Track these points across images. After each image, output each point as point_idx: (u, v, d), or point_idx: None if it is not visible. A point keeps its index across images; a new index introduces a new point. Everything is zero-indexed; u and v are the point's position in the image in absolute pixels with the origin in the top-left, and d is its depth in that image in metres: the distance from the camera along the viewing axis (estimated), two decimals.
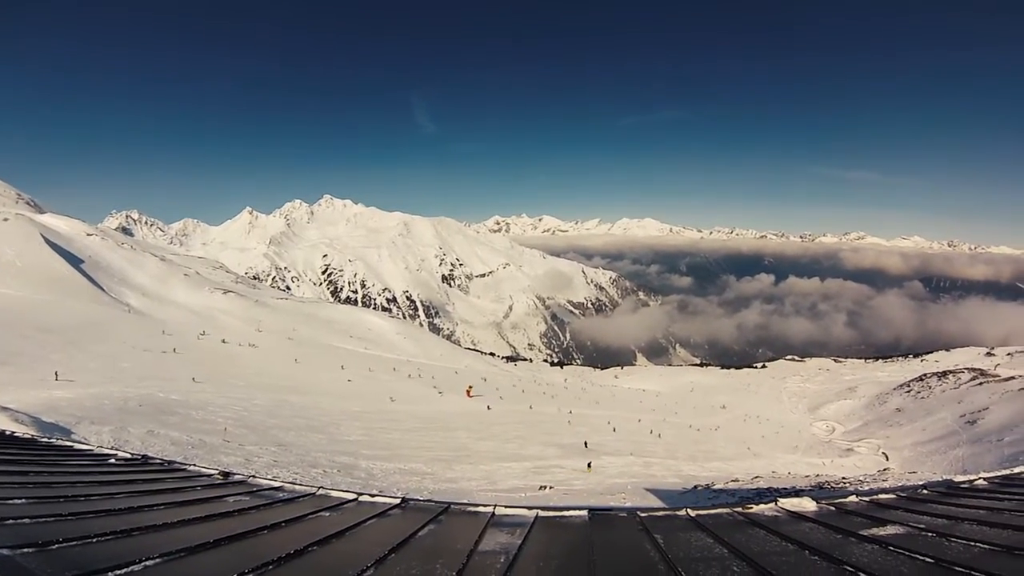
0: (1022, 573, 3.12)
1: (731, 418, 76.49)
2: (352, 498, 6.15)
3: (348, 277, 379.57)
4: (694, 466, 32.46)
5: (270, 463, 20.28)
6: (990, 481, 7.37)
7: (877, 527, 4.62)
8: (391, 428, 34.31)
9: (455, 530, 4.94)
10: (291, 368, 55.20)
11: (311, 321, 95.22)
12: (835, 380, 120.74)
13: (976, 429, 58.48)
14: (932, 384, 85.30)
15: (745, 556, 3.87)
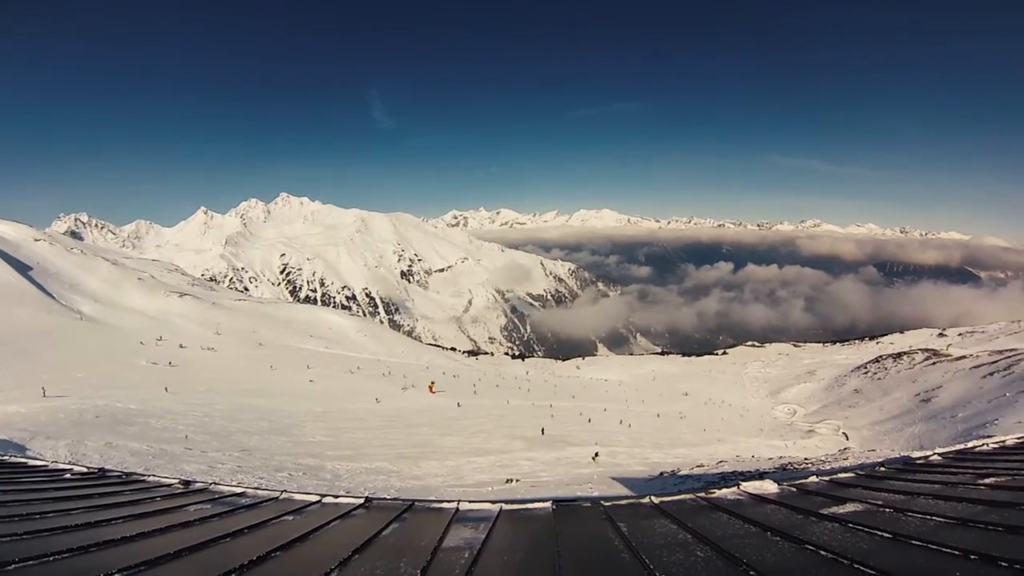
0: (975, 544, 3.17)
1: (694, 405, 77.57)
2: (315, 500, 6.11)
3: (307, 276, 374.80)
4: (660, 453, 32.82)
5: (234, 469, 19.90)
6: (944, 456, 7.55)
7: (837, 505, 4.69)
8: (355, 427, 33.98)
9: (419, 527, 4.92)
10: (252, 371, 54.31)
11: (271, 322, 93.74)
12: (795, 364, 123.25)
13: (931, 407, 60.36)
14: (888, 365, 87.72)
15: (708, 540, 3.89)
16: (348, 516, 5.34)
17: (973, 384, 61.66)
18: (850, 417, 68.57)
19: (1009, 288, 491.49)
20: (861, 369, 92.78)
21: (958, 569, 2.87)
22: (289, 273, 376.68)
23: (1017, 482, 5.19)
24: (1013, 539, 3.29)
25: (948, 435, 47.75)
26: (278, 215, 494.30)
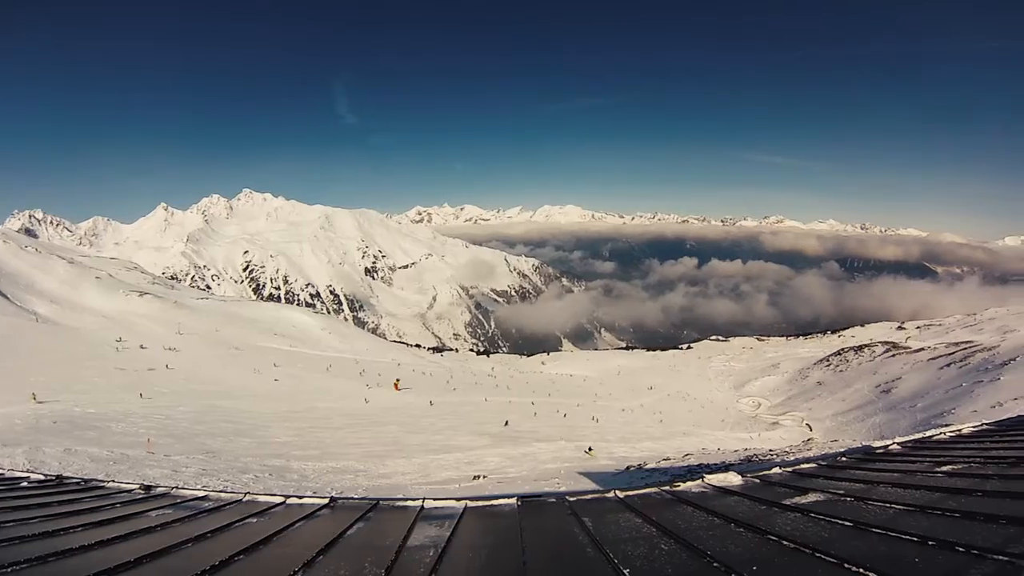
0: (934, 531, 3.23)
1: (659, 398, 78.30)
2: (280, 502, 6.06)
3: (270, 273, 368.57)
4: (626, 447, 33.04)
5: (198, 472, 19.50)
6: (903, 446, 7.72)
7: (799, 496, 4.75)
8: (321, 427, 33.60)
9: (384, 526, 4.91)
10: (215, 371, 53.35)
11: (234, 321, 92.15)
12: (759, 358, 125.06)
13: (891, 397, 61.84)
14: (849, 358, 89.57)
15: (673, 533, 3.91)
16: (313, 517, 5.30)
17: (931, 375, 63.36)
18: (813, 409, 69.89)
19: (965, 283, 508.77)
20: (824, 362, 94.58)
21: (917, 555, 2.92)
22: (252, 271, 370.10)
23: (973, 469, 5.32)
24: (970, 525, 3.37)
25: (908, 424, 48.96)
26: (241, 211, 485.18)
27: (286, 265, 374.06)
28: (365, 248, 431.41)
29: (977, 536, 3.06)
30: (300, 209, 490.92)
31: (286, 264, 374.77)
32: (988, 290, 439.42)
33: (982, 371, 56.13)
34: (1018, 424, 9.37)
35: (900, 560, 2.90)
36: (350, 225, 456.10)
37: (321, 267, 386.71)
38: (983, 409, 44.30)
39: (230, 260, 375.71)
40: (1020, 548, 2.71)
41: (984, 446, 7.00)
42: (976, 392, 50.45)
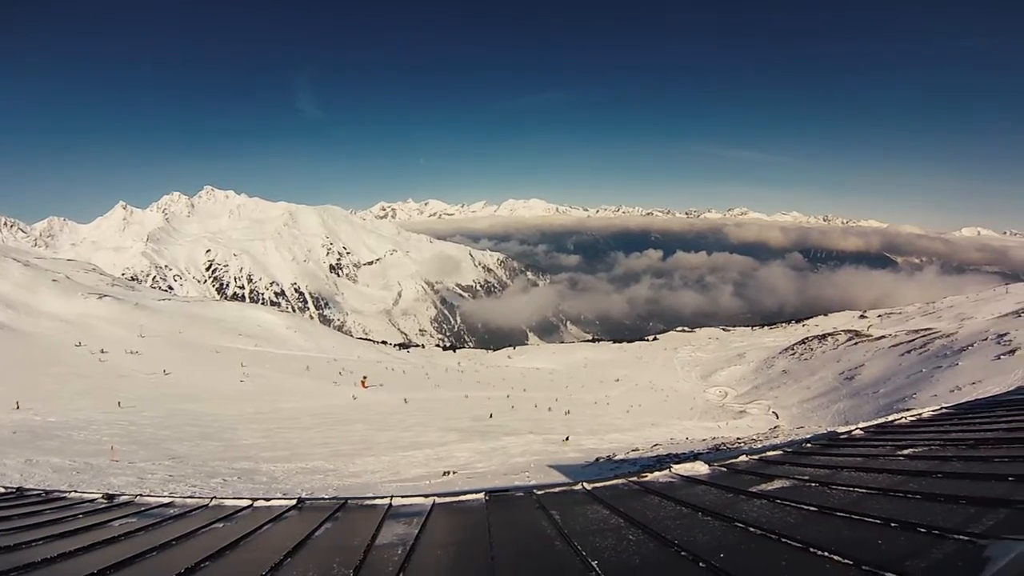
0: (896, 512, 3.29)
1: (627, 390, 79.02)
2: (247, 505, 5.97)
3: (234, 272, 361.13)
4: (595, 439, 33.21)
5: (165, 479, 19.09)
6: (866, 431, 7.87)
7: (765, 483, 4.81)
8: (289, 427, 33.19)
9: (352, 526, 4.87)
10: (179, 374, 52.18)
11: (197, 322, 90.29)
12: (725, 348, 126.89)
13: (854, 384, 63.23)
14: (814, 346, 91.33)
15: (640, 524, 3.93)
16: (280, 519, 5.23)
17: (892, 362, 64.91)
18: (779, 397, 71.14)
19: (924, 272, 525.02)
20: (789, 351, 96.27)
21: (879, 537, 2.97)
22: (215, 270, 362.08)
23: (933, 452, 5.44)
24: (930, 506, 3.44)
25: (871, 410, 50.11)
26: (202, 209, 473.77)
27: (250, 263, 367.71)
28: (330, 245, 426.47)
29: (938, 517, 3.11)
30: (263, 206, 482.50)
31: (250, 262, 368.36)
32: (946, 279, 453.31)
33: (941, 357, 57.66)
34: (976, 407, 9.62)
35: (863, 542, 2.94)
36: (314, 222, 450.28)
37: (285, 265, 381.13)
38: (942, 393, 45.56)
39: (192, 259, 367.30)
40: (980, 528, 2.77)
41: (943, 429, 7.16)
42: (936, 377, 51.83)
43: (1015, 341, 51.02)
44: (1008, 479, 3.70)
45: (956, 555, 2.54)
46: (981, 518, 2.92)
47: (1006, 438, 5.44)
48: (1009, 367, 46.02)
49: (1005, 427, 6.36)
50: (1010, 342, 51.39)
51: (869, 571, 2.55)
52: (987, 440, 5.51)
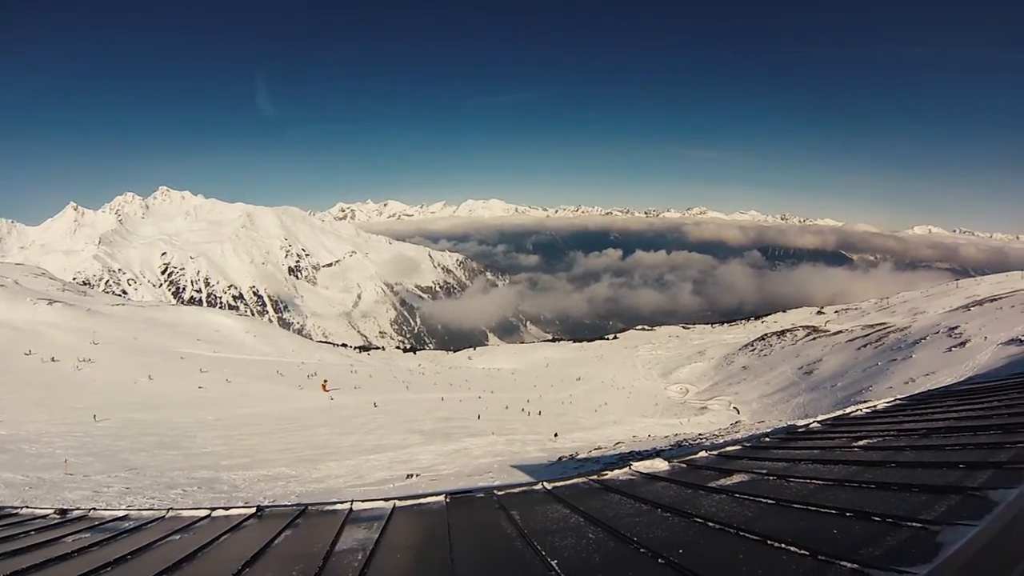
0: (851, 503, 3.35)
1: (588, 389, 79.49)
2: (205, 515, 5.84)
3: (190, 275, 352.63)
4: (557, 438, 33.37)
5: (122, 491, 18.54)
6: (823, 423, 8.03)
7: (724, 478, 4.85)
8: (250, 433, 32.63)
9: (312, 532, 4.80)
10: (135, 382, 50.76)
11: (153, 327, 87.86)
12: (685, 345, 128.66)
13: (813, 378, 64.63)
14: (773, 342, 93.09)
15: (600, 522, 3.93)
16: (239, 528, 5.13)
17: (849, 356, 66.52)
18: (740, 392, 72.31)
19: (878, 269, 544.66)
20: (748, 347, 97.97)
21: (835, 527, 3.01)
22: (171, 273, 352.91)
23: (887, 442, 5.56)
24: (883, 495, 3.51)
25: (829, 403, 51.28)
26: (157, 210, 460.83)
27: (207, 266, 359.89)
28: (288, 247, 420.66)
29: (892, 505, 3.17)
30: (220, 207, 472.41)
31: (207, 265, 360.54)
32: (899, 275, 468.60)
33: (896, 350, 59.24)
34: (928, 397, 9.89)
35: (819, 533, 2.98)
36: (273, 223, 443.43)
37: (244, 268, 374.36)
38: (897, 385, 46.85)
39: (147, 262, 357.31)
40: (932, 514, 2.82)
41: (897, 420, 7.33)
42: (891, 370, 53.25)
43: (965, 334, 52.68)
44: (959, 466, 3.78)
45: (910, 541, 2.58)
46: (933, 505, 2.98)
47: (956, 427, 5.59)
48: (960, 358, 47.50)
49: (955, 416, 6.53)
50: (960, 335, 53.05)
51: (825, 560, 2.57)
52: (938, 429, 5.65)
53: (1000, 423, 5.21)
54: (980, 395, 8.28)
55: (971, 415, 6.36)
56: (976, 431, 5.03)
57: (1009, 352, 44.14)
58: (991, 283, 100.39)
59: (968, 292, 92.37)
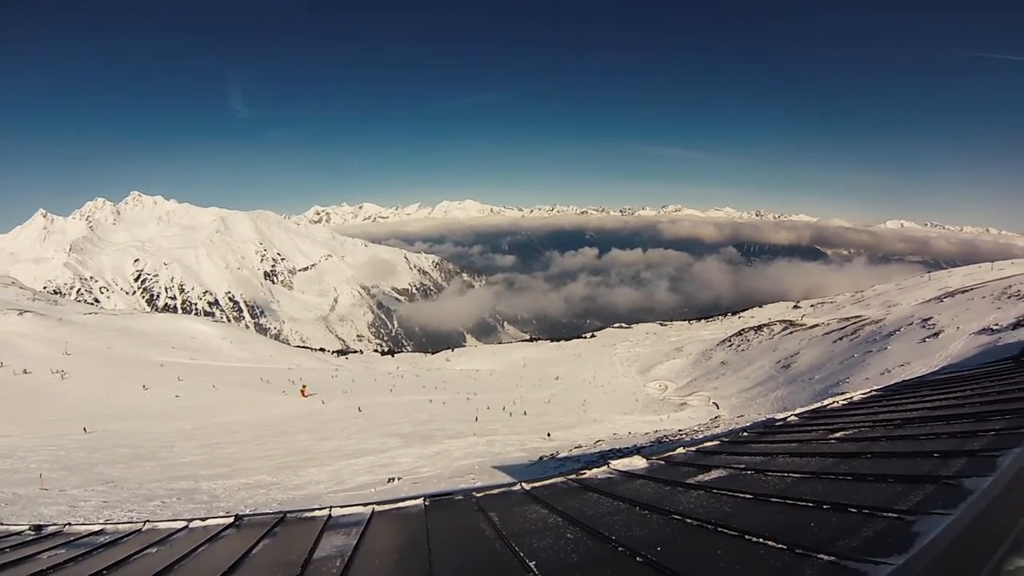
0: (827, 495, 3.37)
1: (567, 387, 79.68)
2: (182, 526, 5.76)
3: (164, 282, 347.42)
4: (537, 438, 33.37)
5: (99, 505, 18.16)
6: (800, 416, 8.11)
7: (703, 473, 4.87)
8: (229, 441, 32.23)
9: (291, 540, 4.76)
10: (110, 392, 49.88)
11: (126, 335, 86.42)
12: (663, 342, 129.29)
13: (790, 372, 65.31)
14: (750, 337, 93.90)
15: (578, 522, 3.93)
16: (217, 539, 5.06)
17: (826, 349, 67.30)
18: (719, 387, 72.84)
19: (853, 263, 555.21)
20: (726, 342, 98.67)
21: (813, 520, 3.02)
22: (144, 280, 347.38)
23: (863, 433, 5.62)
24: (859, 486, 3.54)
25: (807, 396, 51.80)
26: (129, 216, 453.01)
27: (181, 273, 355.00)
28: (264, 251, 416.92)
29: (868, 496, 3.19)
30: (194, 212, 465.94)
31: (181, 272, 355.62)
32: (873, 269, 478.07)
33: (871, 342, 60.04)
34: (903, 388, 10.03)
35: (797, 526, 2.99)
36: (247, 228, 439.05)
37: (219, 273, 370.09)
38: (874, 376, 47.46)
39: (119, 270, 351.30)
40: (907, 504, 2.84)
41: (873, 411, 7.42)
42: (867, 361, 53.94)
43: (938, 324, 53.55)
44: (933, 456, 3.82)
45: (886, 532, 2.59)
46: (908, 495, 3.00)
47: (931, 416, 5.66)
48: (933, 349, 48.28)
49: (930, 406, 6.62)
50: (934, 325, 53.92)
51: (803, 553, 2.58)
52: (913, 419, 5.72)
53: (973, 412, 5.28)
54: (953, 384, 8.40)
55: (945, 404, 6.45)
56: (949, 420, 5.09)
57: (981, 341, 44.95)
58: (962, 275, 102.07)
59: (940, 284, 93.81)
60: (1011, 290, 56.06)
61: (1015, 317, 46.81)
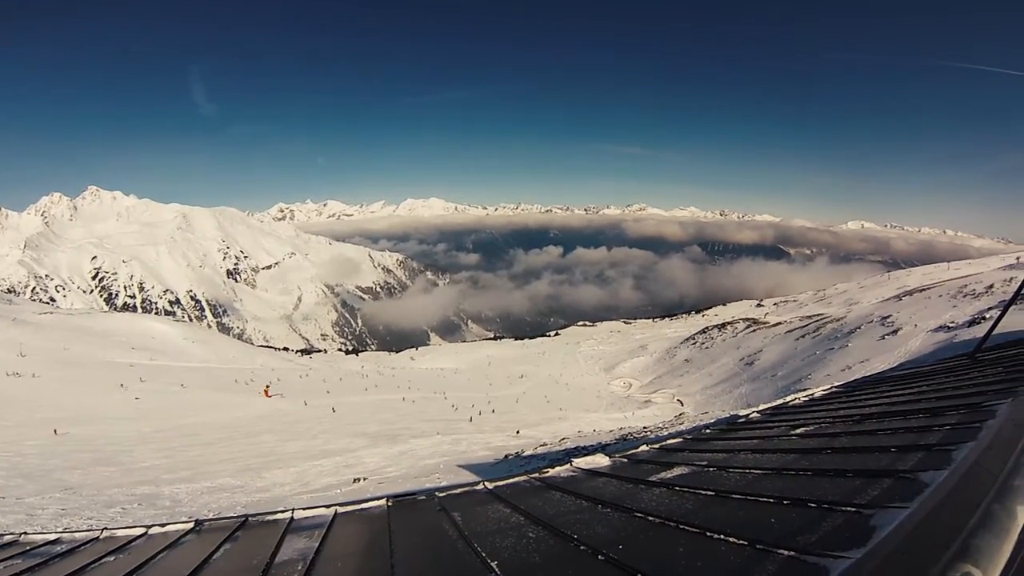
0: (788, 490, 3.41)
1: (532, 386, 79.85)
2: (141, 533, 5.60)
3: (123, 280, 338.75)
4: (503, 436, 33.37)
5: (57, 513, 17.59)
6: (763, 413, 8.21)
7: (665, 471, 4.88)
8: (191, 444, 31.58)
9: (252, 544, 4.67)
10: (67, 395, 48.40)
11: (84, 336, 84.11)
12: (627, 340, 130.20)
13: (754, 369, 66.38)
14: (714, 335, 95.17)
15: (540, 521, 3.91)
16: (177, 545, 4.95)
17: (789, 346, 68.55)
18: (683, 385, 73.67)
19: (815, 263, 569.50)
20: (690, 340, 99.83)
21: (773, 515, 3.05)
22: (103, 278, 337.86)
23: (823, 429, 5.70)
24: (820, 481, 3.58)
25: (771, 392, 52.74)
26: (87, 212, 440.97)
27: (141, 270, 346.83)
28: (226, 249, 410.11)
29: (828, 491, 3.23)
30: (154, 208, 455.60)
31: (141, 269, 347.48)
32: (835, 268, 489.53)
33: (833, 339, 61.34)
34: (862, 384, 10.23)
35: (758, 522, 3.02)
36: (210, 225, 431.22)
37: (180, 271, 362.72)
38: (835, 373, 48.51)
39: (76, 267, 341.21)
40: (865, 498, 2.88)
41: (833, 407, 7.54)
42: (829, 358, 55.10)
43: (897, 322, 54.95)
44: (891, 450, 3.89)
45: (844, 526, 2.63)
46: (867, 489, 3.05)
47: (889, 412, 5.77)
48: (893, 345, 49.55)
49: (888, 401, 6.75)
50: (893, 323, 55.32)
51: (763, 549, 2.60)
52: (872, 415, 5.82)
53: (928, 407, 5.39)
54: (911, 380, 8.59)
55: (902, 400, 6.58)
56: (907, 415, 5.19)
57: (938, 338, 46.23)
58: (920, 274, 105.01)
59: (899, 283, 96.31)
60: (966, 289, 57.74)
61: (970, 315, 48.25)
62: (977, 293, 55.21)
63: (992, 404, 4.32)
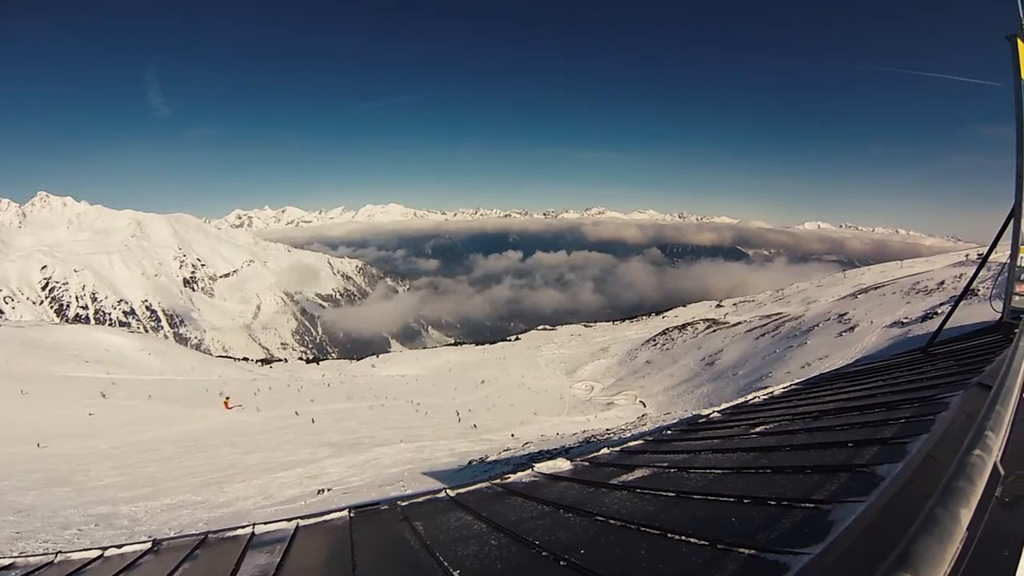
0: (748, 489, 3.45)
1: (494, 391, 79.76)
2: (96, 555, 5.49)
3: (75, 290, 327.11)
4: (466, 442, 33.30)
5: (11, 537, 16.94)
6: (723, 412, 8.31)
7: (626, 473, 4.91)
8: (149, 460, 30.78)
9: (212, 562, 4.63)
10: (16, 412, 46.65)
11: (34, 349, 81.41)
12: (588, 343, 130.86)
13: (715, 368, 67.30)
14: (675, 336, 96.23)
15: (502, 527, 3.91)
16: (134, 567, 4.86)
17: (749, 345, 69.66)
18: (645, 386, 74.33)
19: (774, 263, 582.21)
20: (651, 342, 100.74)
21: (733, 515, 3.08)
22: (53, 288, 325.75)
23: (782, 427, 5.79)
24: (779, 478, 3.63)
25: (732, 391, 53.47)
26: (36, 219, 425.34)
27: (93, 280, 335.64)
28: (183, 257, 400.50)
29: (787, 488, 3.28)
30: (107, 215, 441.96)
31: (93, 279, 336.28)
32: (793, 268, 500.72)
33: (792, 338, 62.56)
34: (821, 380, 10.44)
35: (718, 522, 3.05)
36: (165, 232, 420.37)
37: (134, 280, 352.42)
38: (795, 370, 49.45)
39: (25, 277, 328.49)
40: (824, 494, 2.92)
41: (792, 404, 7.66)
42: (788, 356, 56.18)
43: (854, 319, 56.31)
44: (848, 445, 3.96)
45: (804, 522, 2.66)
46: (825, 484, 3.09)
47: (846, 407, 5.87)
48: (850, 342, 50.77)
49: (845, 397, 6.88)
50: (849, 320, 56.66)
51: (724, 548, 2.61)
52: (830, 411, 5.92)
53: (884, 401, 5.51)
54: (867, 376, 8.77)
55: (859, 395, 6.71)
56: (863, 410, 5.29)
57: (892, 334, 47.52)
58: (875, 272, 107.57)
59: (855, 281, 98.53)
60: (919, 286, 59.40)
61: (923, 311, 49.67)
62: (929, 290, 56.84)
63: (944, 397, 4.42)
